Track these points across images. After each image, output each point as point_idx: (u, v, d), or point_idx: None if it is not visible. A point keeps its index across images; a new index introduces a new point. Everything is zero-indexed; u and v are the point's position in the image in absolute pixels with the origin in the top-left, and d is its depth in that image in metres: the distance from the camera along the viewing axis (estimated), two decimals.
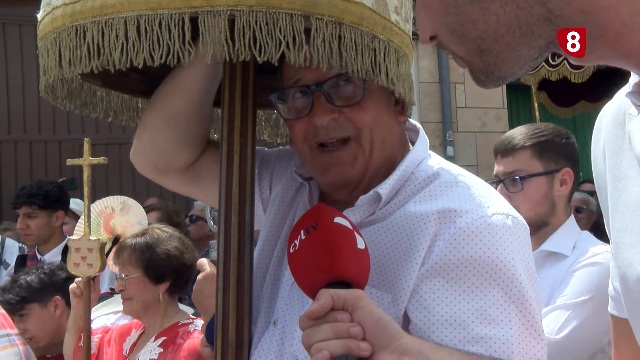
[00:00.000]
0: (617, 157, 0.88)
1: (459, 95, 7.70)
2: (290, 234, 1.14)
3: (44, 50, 1.25)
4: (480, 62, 0.82)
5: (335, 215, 1.10)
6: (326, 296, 0.97)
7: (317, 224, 1.07)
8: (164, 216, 4.36)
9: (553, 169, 2.21)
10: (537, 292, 1.21)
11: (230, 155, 1.33)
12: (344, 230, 1.07)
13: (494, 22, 0.77)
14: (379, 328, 0.97)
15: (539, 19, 0.75)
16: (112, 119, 1.56)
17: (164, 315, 2.61)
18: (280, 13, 1.13)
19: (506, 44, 0.78)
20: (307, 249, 1.07)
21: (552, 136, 2.26)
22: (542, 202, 2.20)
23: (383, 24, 1.23)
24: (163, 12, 1.12)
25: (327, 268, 1.03)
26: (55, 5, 1.21)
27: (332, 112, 1.26)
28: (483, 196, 1.24)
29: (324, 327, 0.96)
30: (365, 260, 1.07)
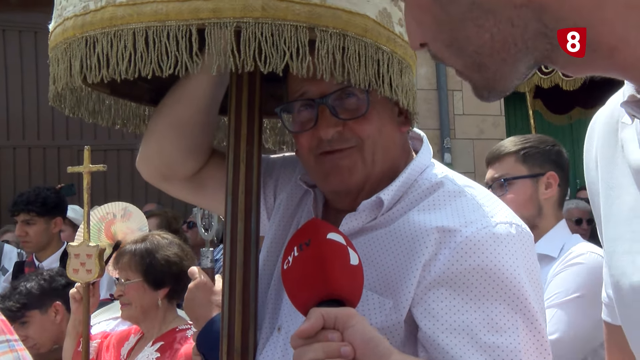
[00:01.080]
0: (610, 165, 0.88)
1: (457, 102, 7.71)
2: (285, 250, 1.14)
3: (55, 60, 1.27)
4: (479, 78, 0.81)
5: (329, 231, 1.10)
6: (317, 315, 0.98)
7: (310, 241, 1.07)
8: (163, 222, 4.37)
9: (537, 172, 2.30)
10: (540, 303, 1.21)
11: (236, 162, 1.35)
12: (337, 246, 1.07)
13: (489, 39, 0.76)
14: (369, 347, 0.97)
15: (534, 34, 0.75)
16: (120, 126, 1.58)
17: (162, 321, 2.62)
18: (286, 25, 1.15)
19: (502, 60, 0.77)
20: (300, 266, 1.07)
21: (536, 143, 2.37)
22: (528, 205, 2.28)
23: (387, 36, 1.26)
24: (171, 23, 1.14)
25: (319, 286, 1.03)
26: (66, 17, 1.23)
27: (336, 125, 1.28)
28: (487, 206, 1.25)
29: (315, 347, 0.96)
30: (359, 276, 1.08)
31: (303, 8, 1.16)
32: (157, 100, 1.51)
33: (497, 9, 0.74)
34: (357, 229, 1.30)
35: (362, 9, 1.22)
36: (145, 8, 1.15)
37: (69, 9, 1.24)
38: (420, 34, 0.83)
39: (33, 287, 3.09)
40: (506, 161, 2.34)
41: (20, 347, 1.41)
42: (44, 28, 1.37)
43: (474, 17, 0.75)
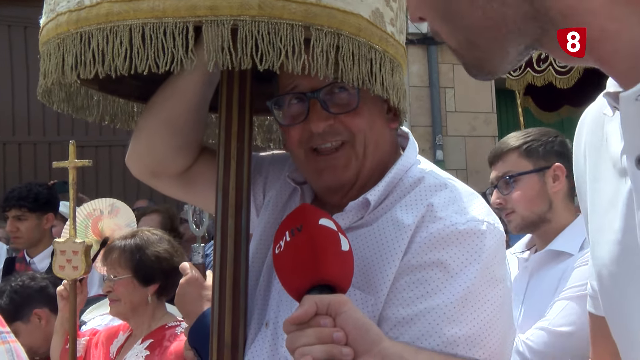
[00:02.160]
0: (596, 158, 0.90)
1: (449, 99, 7.75)
2: (276, 234, 1.15)
3: (46, 55, 1.27)
4: (470, 56, 0.83)
5: (320, 217, 1.10)
6: (310, 302, 0.99)
7: (301, 227, 1.08)
8: (165, 219, 4.34)
9: (543, 166, 2.24)
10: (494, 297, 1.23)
11: (227, 159, 1.36)
12: (328, 232, 1.08)
13: (480, 16, 0.78)
14: (361, 333, 0.99)
15: (524, 16, 0.76)
16: (108, 122, 1.59)
17: (151, 318, 2.61)
18: (282, 23, 1.17)
19: (493, 38, 0.79)
20: (292, 251, 1.08)
21: (538, 135, 2.30)
22: (537, 200, 2.22)
23: (379, 35, 1.28)
24: (168, 20, 1.15)
25: (311, 272, 1.04)
26: (59, 12, 1.24)
27: (327, 118, 1.30)
28: (463, 202, 1.27)
29: (308, 332, 0.98)
30: (349, 262, 1.09)
31: (299, 7, 1.18)
32: (146, 97, 1.51)
33: None
34: (344, 229, 1.30)
35: (356, 9, 1.24)
36: (142, 4, 1.16)
37: (62, 4, 1.24)
38: (419, 8, 0.85)
39: (5, 303, 3.05)
40: (509, 158, 2.28)
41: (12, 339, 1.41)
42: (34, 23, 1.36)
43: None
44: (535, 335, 2.03)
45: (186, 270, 1.60)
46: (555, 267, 2.19)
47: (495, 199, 2.29)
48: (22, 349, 1.40)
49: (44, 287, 3.17)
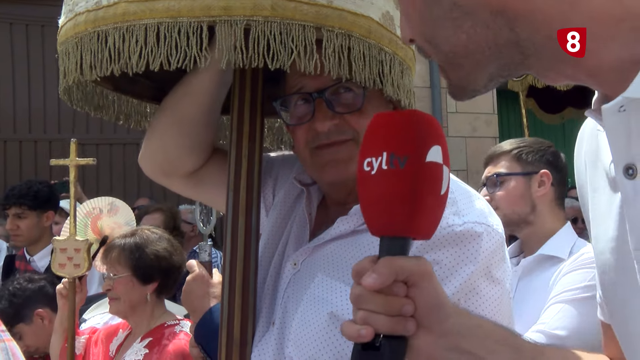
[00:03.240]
0: (594, 168, 0.92)
1: (450, 100, 7.74)
2: (368, 140, 0.93)
3: (65, 54, 1.30)
4: (453, 76, 0.86)
5: (430, 146, 0.89)
6: (390, 272, 0.86)
7: (406, 160, 0.88)
8: (168, 218, 4.35)
9: (531, 170, 2.37)
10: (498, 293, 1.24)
11: (238, 159, 1.38)
12: (433, 172, 0.89)
13: (465, 40, 0.80)
14: (430, 311, 0.90)
15: (506, 42, 0.79)
16: (122, 122, 1.62)
17: (150, 316, 2.61)
18: (294, 24, 1.20)
19: (476, 61, 0.81)
20: (385, 183, 0.89)
21: (532, 143, 2.46)
22: (520, 201, 2.34)
23: (389, 38, 1.30)
24: (182, 20, 1.18)
25: (399, 221, 0.89)
26: (78, 12, 1.27)
27: (332, 118, 1.31)
28: (462, 203, 1.27)
29: (377, 299, 0.87)
30: (442, 207, 0.93)
31: (311, 8, 1.20)
32: (159, 98, 1.54)
33: (475, 12, 0.78)
34: (349, 232, 1.33)
35: (366, 11, 1.26)
36: (158, 4, 1.18)
37: (81, 4, 1.27)
38: (408, 29, 0.87)
39: (5, 306, 3.05)
40: (502, 160, 2.42)
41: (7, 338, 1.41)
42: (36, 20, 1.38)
43: (454, 17, 0.80)
44: (533, 337, 2.05)
45: (193, 267, 1.61)
46: (545, 272, 2.26)
47: (483, 196, 2.36)
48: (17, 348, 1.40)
49: (42, 287, 3.18)
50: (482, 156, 2.62)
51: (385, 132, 0.90)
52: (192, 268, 1.60)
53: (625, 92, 0.71)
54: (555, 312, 2.08)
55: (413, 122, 0.89)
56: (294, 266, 1.38)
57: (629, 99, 0.72)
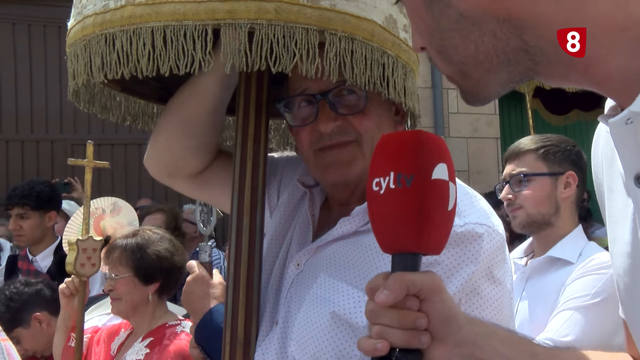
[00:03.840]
0: (610, 169, 0.92)
1: (451, 100, 7.74)
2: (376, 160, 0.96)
3: (74, 56, 1.32)
4: (464, 84, 0.87)
5: (436, 163, 0.91)
6: (402, 286, 0.88)
7: (412, 178, 0.90)
8: (169, 218, 4.36)
9: (557, 171, 2.33)
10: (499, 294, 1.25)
11: (243, 160, 1.39)
12: (440, 189, 0.91)
13: (473, 50, 0.81)
14: (443, 324, 0.92)
15: (515, 49, 0.79)
16: (130, 123, 1.63)
17: (151, 316, 2.62)
18: (297, 27, 1.21)
19: (485, 70, 0.82)
20: (393, 203, 0.91)
21: (557, 142, 2.39)
22: (546, 202, 2.30)
23: (392, 41, 1.31)
24: (188, 23, 1.19)
25: (408, 239, 0.91)
26: (86, 15, 1.28)
27: (335, 119, 1.33)
28: (463, 204, 1.28)
29: (391, 314, 0.89)
30: (450, 222, 0.95)
31: (314, 12, 1.21)
32: (166, 99, 1.55)
33: (482, 22, 0.79)
34: (351, 232, 1.34)
35: (369, 15, 1.27)
36: (164, 8, 1.20)
37: (89, 7, 1.28)
38: (419, 38, 0.88)
39: (2, 312, 3.05)
40: (526, 158, 2.36)
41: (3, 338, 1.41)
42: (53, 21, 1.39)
43: (461, 28, 0.80)
44: None
45: (193, 268, 1.62)
46: (553, 274, 2.25)
47: (506, 194, 2.38)
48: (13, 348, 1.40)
49: (40, 290, 3.18)
50: (483, 157, 2.58)
51: (392, 152, 0.93)
52: (192, 269, 1.61)
53: (631, 105, 0.72)
54: (564, 320, 2.07)
55: (418, 142, 0.91)
56: (297, 266, 1.39)
57: (636, 113, 0.72)
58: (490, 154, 7.78)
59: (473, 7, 0.78)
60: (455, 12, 0.80)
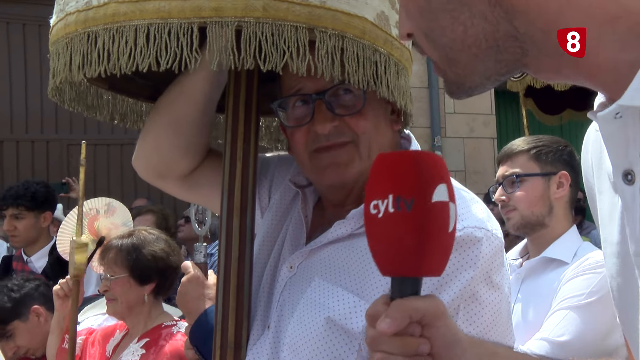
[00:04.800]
0: (599, 171, 0.91)
1: (448, 100, 7.75)
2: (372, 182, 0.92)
3: (55, 55, 1.29)
4: (450, 72, 0.85)
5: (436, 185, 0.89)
6: (403, 315, 0.87)
7: (412, 202, 0.87)
8: (159, 219, 4.35)
9: (550, 171, 2.33)
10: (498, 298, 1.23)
11: (233, 160, 1.37)
12: (440, 211, 0.89)
13: (462, 32, 0.80)
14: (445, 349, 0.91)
15: (504, 35, 0.78)
16: (118, 121, 1.61)
17: (147, 317, 2.61)
18: (286, 25, 1.18)
19: (473, 54, 0.81)
20: (392, 227, 0.89)
21: (549, 142, 2.39)
22: (539, 202, 2.30)
23: (384, 38, 1.29)
24: (173, 21, 1.17)
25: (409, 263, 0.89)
26: (68, 12, 1.26)
27: (332, 120, 1.30)
28: (461, 207, 1.25)
29: (394, 341, 0.87)
30: (450, 244, 0.93)
31: (303, 9, 1.19)
32: (155, 97, 1.52)
33: (472, 3, 0.78)
34: (346, 235, 1.32)
35: (360, 12, 1.25)
36: (148, 5, 1.17)
37: (71, 4, 1.25)
38: (407, 24, 0.87)
39: (4, 301, 3.06)
40: (519, 159, 2.37)
41: None
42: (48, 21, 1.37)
43: (451, 8, 0.79)
44: (537, 346, 2.06)
45: (188, 269, 1.60)
46: (548, 274, 2.25)
47: (499, 196, 2.38)
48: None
49: (39, 285, 3.21)
50: (480, 157, 2.58)
51: (390, 173, 0.89)
52: (187, 269, 1.60)
53: (620, 99, 0.71)
54: (559, 320, 2.07)
55: (417, 164, 0.88)
56: (290, 269, 1.37)
57: (625, 106, 0.71)
58: (486, 154, 7.80)
59: None
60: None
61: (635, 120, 0.72)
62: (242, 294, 1.34)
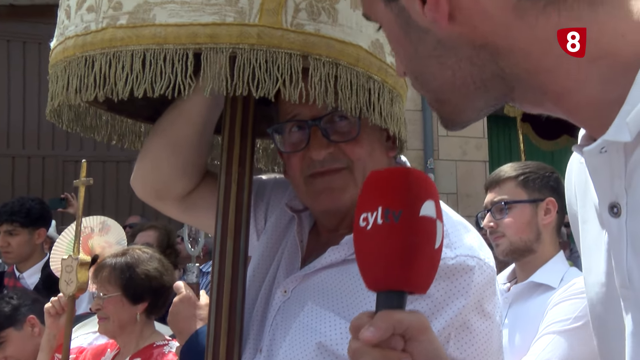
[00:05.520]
0: (583, 200, 0.93)
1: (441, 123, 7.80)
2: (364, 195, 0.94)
3: (54, 77, 1.31)
4: (442, 110, 0.88)
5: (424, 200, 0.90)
6: (387, 325, 0.87)
7: (400, 214, 0.89)
8: (162, 236, 4.33)
9: (537, 197, 2.36)
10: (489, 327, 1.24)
11: (228, 182, 1.38)
12: (427, 226, 0.90)
13: (450, 76, 0.82)
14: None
15: (491, 75, 0.80)
16: (116, 142, 1.62)
17: (139, 336, 2.61)
18: (280, 52, 1.19)
19: (462, 95, 0.83)
20: (380, 239, 0.90)
21: (536, 169, 2.43)
22: (527, 229, 2.33)
23: (378, 66, 1.30)
24: (168, 47, 1.18)
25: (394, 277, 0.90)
26: (67, 36, 1.27)
27: (328, 146, 1.32)
28: (454, 235, 1.27)
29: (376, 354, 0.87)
30: (436, 261, 0.94)
31: (298, 37, 1.21)
32: (154, 118, 1.54)
33: (458, 48, 0.80)
34: (340, 261, 1.33)
35: (355, 39, 1.27)
36: (145, 31, 1.19)
37: (70, 28, 1.27)
38: (400, 66, 0.90)
39: (1, 306, 3.07)
40: (506, 185, 2.40)
41: None
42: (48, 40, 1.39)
43: (438, 54, 0.81)
44: None
45: (180, 289, 1.61)
46: (536, 299, 2.28)
47: (488, 222, 2.40)
48: None
49: (37, 299, 3.21)
50: (472, 179, 2.60)
51: (381, 187, 0.92)
52: (179, 289, 1.60)
53: (605, 134, 0.72)
54: (545, 344, 2.09)
55: (407, 179, 0.90)
56: (284, 293, 1.37)
57: (609, 142, 0.72)
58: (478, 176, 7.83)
59: (450, 33, 0.79)
60: (432, 39, 0.81)
61: (619, 155, 0.74)
62: (234, 316, 1.34)
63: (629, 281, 0.76)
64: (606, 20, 0.73)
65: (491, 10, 0.76)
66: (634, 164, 0.73)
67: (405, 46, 0.85)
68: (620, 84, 0.72)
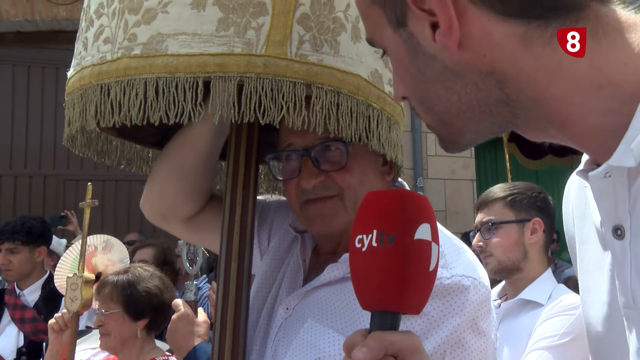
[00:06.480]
0: (582, 221, 0.95)
1: (430, 144, 7.88)
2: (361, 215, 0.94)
3: (71, 104, 1.36)
4: (444, 132, 0.90)
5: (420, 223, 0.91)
6: (379, 346, 0.87)
7: (395, 238, 0.89)
8: (159, 253, 4.36)
9: (524, 218, 2.42)
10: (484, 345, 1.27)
11: (233, 206, 1.42)
12: (422, 249, 0.91)
13: (457, 100, 0.84)
14: None
15: (497, 101, 0.82)
16: (124, 166, 1.66)
17: (140, 352, 2.64)
18: (285, 81, 1.25)
19: (467, 118, 0.85)
20: (374, 261, 0.91)
21: (523, 190, 2.49)
22: (514, 248, 2.39)
23: (377, 94, 1.36)
24: (179, 75, 1.23)
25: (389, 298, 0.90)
26: (84, 65, 1.33)
27: (318, 175, 1.37)
28: (450, 256, 1.30)
29: None
30: (431, 283, 0.94)
31: (302, 66, 1.26)
32: (161, 144, 1.59)
33: (465, 74, 0.82)
34: (339, 278, 1.36)
35: (355, 69, 1.32)
36: (157, 60, 1.24)
37: (87, 58, 1.33)
38: (402, 88, 0.91)
39: None
40: (495, 206, 2.46)
41: None
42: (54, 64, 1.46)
43: (444, 79, 0.83)
44: None
45: (179, 306, 1.65)
46: (524, 315, 2.33)
47: (477, 242, 2.47)
48: None
49: None
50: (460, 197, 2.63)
51: (376, 210, 0.92)
52: (177, 307, 1.64)
53: (610, 160, 0.74)
54: (534, 359, 2.13)
55: (402, 201, 0.90)
56: (286, 310, 1.40)
57: (614, 167, 0.74)
58: (466, 195, 7.93)
59: (458, 60, 0.80)
60: (439, 65, 0.82)
61: (623, 179, 0.75)
62: (237, 334, 1.36)
63: (633, 302, 0.77)
64: (609, 51, 0.75)
65: (500, 39, 0.78)
66: (638, 188, 0.75)
67: (412, 71, 0.86)
68: (623, 112, 0.74)
